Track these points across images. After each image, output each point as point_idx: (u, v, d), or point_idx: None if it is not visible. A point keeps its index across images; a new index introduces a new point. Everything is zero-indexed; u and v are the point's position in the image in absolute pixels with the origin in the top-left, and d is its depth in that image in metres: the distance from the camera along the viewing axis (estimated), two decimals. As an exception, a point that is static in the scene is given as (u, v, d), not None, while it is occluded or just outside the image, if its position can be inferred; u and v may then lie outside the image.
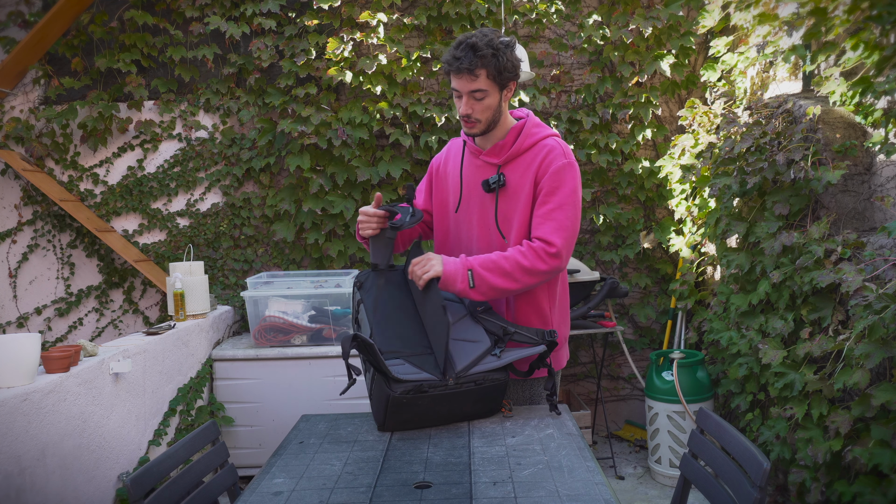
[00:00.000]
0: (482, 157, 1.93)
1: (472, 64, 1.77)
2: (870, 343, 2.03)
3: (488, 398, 1.80)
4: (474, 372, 1.73)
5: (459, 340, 1.80)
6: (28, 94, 3.85)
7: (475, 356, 1.76)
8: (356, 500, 1.36)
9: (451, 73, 1.81)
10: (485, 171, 1.93)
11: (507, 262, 1.77)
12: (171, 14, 3.81)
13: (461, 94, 1.82)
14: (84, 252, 3.88)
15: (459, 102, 1.85)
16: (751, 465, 1.44)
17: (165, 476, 1.55)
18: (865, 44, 2.22)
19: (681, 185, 3.48)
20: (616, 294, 3.24)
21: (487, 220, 1.92)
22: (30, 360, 1.96)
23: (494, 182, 1.87)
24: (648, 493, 3.11)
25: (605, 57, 3.73)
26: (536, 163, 1.86)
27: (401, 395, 1.67)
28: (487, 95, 1.82)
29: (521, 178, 1.87)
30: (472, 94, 1.81)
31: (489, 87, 1.81)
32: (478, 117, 1.84)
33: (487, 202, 1.92)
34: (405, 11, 3.83)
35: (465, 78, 1.79)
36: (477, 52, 1.77)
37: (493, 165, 1.91)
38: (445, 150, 2.09)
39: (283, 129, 3.60)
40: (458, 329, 1.82)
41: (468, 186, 1.95)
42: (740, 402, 2.84)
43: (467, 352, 1.76)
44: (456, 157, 2.01)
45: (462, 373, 1.72)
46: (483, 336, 1.82)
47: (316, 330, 3.25)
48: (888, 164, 2.52)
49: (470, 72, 1.78)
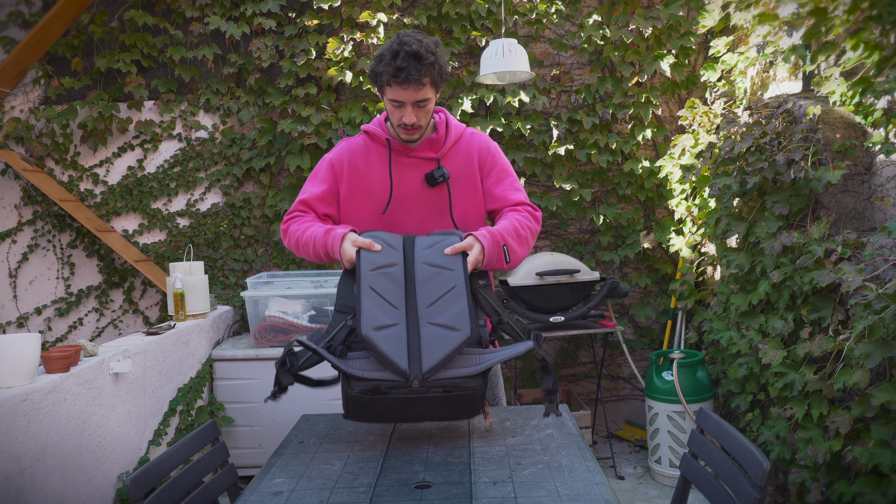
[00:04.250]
0: (414, 155, 1.89)
1: (420, 73, 1.72)
2: (870, 343, 2.03)
3: (461, 405, 1.61)
4: (445, 377, 1.54)
5: (434, 325, 1.59)
6: (28, 94, 3.85)
7: (447, 351, 1.54)
8: (356, 500, 1.36)
9: (395, 84, 1.73)
10: (420, 167, 1.89)
11: (521, 228, 1.82)
12: (171, 14, 3.81)
13: (403, 103, 1.77)
14: (84, 252, 3.88)
15: (400, 112, 1.79)
16: (751, 465, 1.44)
17: (165, 476, 1.55)
18: (865, 44, 2.22)
19: (681, 185, 3.48)
20: (616, 294, 3.24)
21: (439, 214, 1.89)
22: (30, 360, 1.96)
23: (440, 175, 1.86)
24: (648, 493, 3.11)
25: (605, 57, 3.73)
26: (472, 150, 1.93)
27: (359, 393, 1.54)
28: (430, 102, 1.80)
29: (462, 167, 1.91)
30: (418, 103, 1.77)
31: (432, 93, 1.80)
32: (421, 124, 1.82)
33: (431, 197, 1.89)
34: (405, 11, 3.83)
35: (412, 88, 1.74)
36: (422, 61, 1.72)
37: (430, 160, 1.90)
38: (346, 152, 1.94)
39: (283, 129, 3.60)
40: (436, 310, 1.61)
41: (400, 186, 1.89)
42: (740, 402, 2.84)
43: (439, 343, 1.56)
44: (376, 158, 1.90)
45: (430, 374, 1.52)
46: (464, 322, 1.59)
47: (316, 330, 3.25)
48: (888, 164, 2.52)
49: (417, 81, 1.73)
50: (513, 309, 3.19)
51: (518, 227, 1.81)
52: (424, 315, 1.60)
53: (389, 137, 1.90)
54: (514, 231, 1.80)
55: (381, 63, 1.76)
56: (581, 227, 3.95)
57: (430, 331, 1.58)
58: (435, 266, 1.68)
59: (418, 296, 1.63)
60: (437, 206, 1.89)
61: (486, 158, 1.94)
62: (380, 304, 1.61)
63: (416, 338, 1.57)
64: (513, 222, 1.82)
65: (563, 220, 3.86)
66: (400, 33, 1.78)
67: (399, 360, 1.53)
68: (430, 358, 1.54)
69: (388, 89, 1.77)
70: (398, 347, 1.55)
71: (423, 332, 1.58)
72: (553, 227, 3.92)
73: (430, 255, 1.70)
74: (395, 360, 1.53)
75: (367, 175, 1.90)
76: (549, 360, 1.72)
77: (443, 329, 1.58)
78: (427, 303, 1.62)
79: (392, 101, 1.78)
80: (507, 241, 1.76)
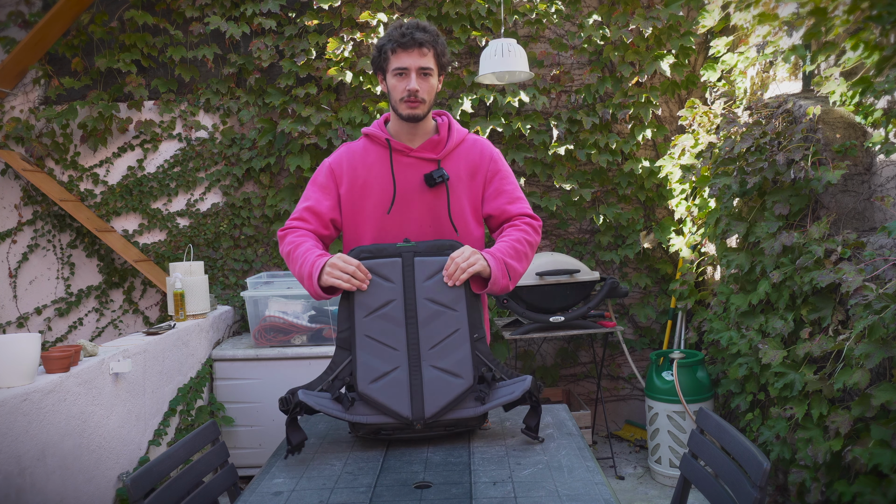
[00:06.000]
0: (415, 154, 1.89)
1: (423, 39, 1.79)
2: (870, 343, 2.03)
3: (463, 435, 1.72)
4: (447, 418, 1.60)
5: (437, 370, 1.61)
6: (28, 94, 3.85)
7: (451, 398, 1.59)
8: (356, 500, 1.36)
9: (399, 49, 1.80)
10: (420, 167, 1.90)
11: (518, 243, 1.82)
12: (171, 14, 3.81)
13: (409, 70, 1.81)
14: (84, 252, 3.88)
15: (403, 81, 1.82)
16: (751, 465, 1.44)
17: (165, 476, 1.55)
18: (865, 44, 2.22)
19: (681, 185, 3.48)
20: (616, 294, 3.24)
21: (436, 215, 1.89)
22: (30, 360, 1.96)
23: (439, 176, 1.86)
24: (648, 493, 3.11)
25: (605, 57, 3.73)
26: (474, 155, 1.93)
27: (363, 434, 1.64)
28: (432, 76, 1.85)
29: (462, 171, 1.91)
30: (422, 70, 1.82)
31: (434, 67, 1.84)
32: (424, 97, 1.83)
33: (430, 198, 1.89)
34: (405, 11, 3.83)
35: (416, 52, 1.80)
36: (426, 31, 1.81)
37: (430, 161, 1.90)
38: (345, 156, 1.94)
39: (283, 129, 3.60)
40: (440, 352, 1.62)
41: (402, 186, 1.89)
42: (740, 402, 2.84)
43: (444, 390, 1.59)
44: (377, 159, 1.90)
45: (433, 419, 1.58)
46: (468, 369, 1.62)
47: (316, 330, 3.25)
48: (888, 164, 2.52)
49: (421, 46, 1.79)
50: (513, 309, 3.19)
51: (516, 244, 1.82)
52: (427, 357, 1.62)
53: (389, 137, 1.90)
54: (512, 249, 1.80)
55: (384, 40, 1.84)
56: (581, 227, 3.95)
57: (432, 374, 1.60)
58: (438, 304, 1.66)
59: (421, 336, 1.63)
60: (435, 208, 1.89)
61: (489, 165, 1.94)
62: (378, 351, 1.62)
63: (418, 381, 1.60)
64: (510, 242, 1.82)
65: (563, 220, 3.86)
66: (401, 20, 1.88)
67: (400, 408, 1.58)
68: (433, 404, 1.58)
69: (392, 59, 1.82)
70: (399, 394, 1.59)
71: (426, 375, 1.60)
72: (553, 227, 3.92)
73: (432, 290, 1.66)
74: (397, 410, 1.58)
75: (367, 176, 1.90)
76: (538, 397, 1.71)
77: (445, 374, 1.61)
78: (430, 345, 1.63)
79: (396, 71, 1.82)
80: (507, 261, 1.77)
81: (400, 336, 1.63)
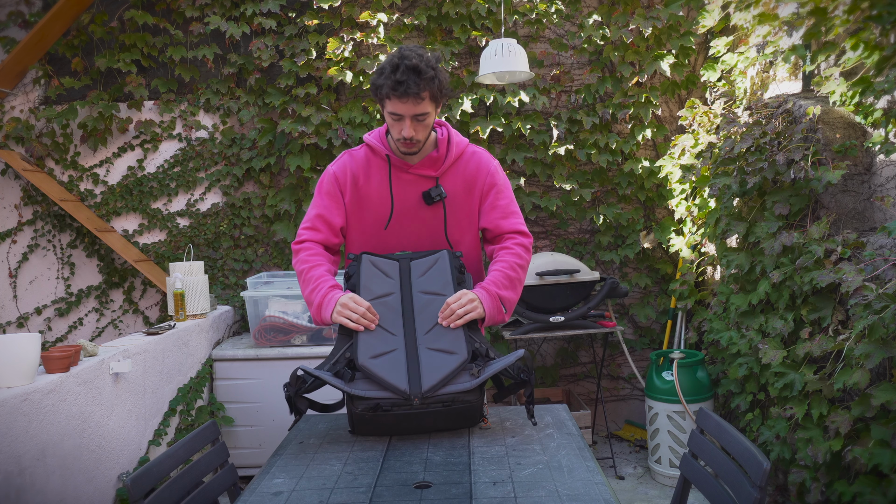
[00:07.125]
0: (413, 171, 1.89)
1: (419, 87, 1.73)
2: (870, 343, 2.03)
3: (461, 417, 1.70)
4: (443, 392, 1.63)
5: (433, 350, 1.68)
6: (28, 94, 3.85)
7: (446, 372, 1.64)
8: (356, 500, 1.36)
9: (394, 97, 1.74)
10: (418, 184, 1.91)
11: (511, 270, 1.84)
12: (171, 14, 3.81)
13: (402, 117, 1.77)
14: (84, 252, 3.88)
15: (399, 125, 1.79)
16: (751, 465, 1.44)
17: (165, 476, 1.55)
18: (865, 44, 2.22)
19: (681, 185, 3.48)
20: (616, 294, 3.24)
21: (433, 232, 1.91)
22: (30, 360, 1.96)
23: (437, 195, 1.87)
24: (648, 493, 3.11)
25: (605, 57, 3.73)
26: (471, 170, 1.93)
27: (362, 411, 1.64)
28: (429, 116, 1.81)
29: (460, 186, 1.92)
30: (417, 116, 1.78)
31: (431, 108, 1.80)
32: (419, 139, 1.82)
33: (427, 215, 1.91)
34: (405, 11, 3.83)
35: (411, 101, 1.75)
36: (421, 75, 1.73)
37: (429, 178, 1.90)
38: (348, 164, 1.95)
39: (283, 129, 3.60)
40: (434, 336, 1.70)
41: (401, 202, 1.90)
42: (740, 402, 2.84)
43: (439, 365, 1.65)
44: (377, 173, 1.92)
45: (430, 392, 1.61)
46: (461, 346, 1.69)
47: (316, 330, 3.25)
48: (888, 164, 2.52)
49: (416, 95, 1.73)
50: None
51: (509, 272, 1.85)
52: (423, 341, 1.70)
53: (389, 153, 1.91)
54: (505, 279, 1.84)
55: (381, 76, 1.77)
56: (581, 227, 3.95)
57: (428, 355, 1.68)
58: (430, 293, 1.78)
59: (416, 323, 1.73)
60: (432, 225, 1.92)
61: (486, 178, 1.95)
62: (377, 333, 1.71)
63: (415, 361, 1.66)
64: (503, 271, 1.84)
65: (563, 220, 3.86)
66: (402, 48, 1.80)
67: (398, 382, 1.62)
68: (429, 378, 1.63)
69: (387, 102, 1.78)
70: (397, 370, 1.64)
71: (422, 357, 1.67)
72: (553, 227, 3.92)
73: (425, 283, 1.79)
74: (395, 384, 1.62)
75: (368, 189, 1.92)
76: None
77: (441, 353, 1.68)
78: (425, 329, 1.72)
79: (391, 115, 1.80)
80: (501, 294, 1.81)
81: (398, 323, 1.73)
